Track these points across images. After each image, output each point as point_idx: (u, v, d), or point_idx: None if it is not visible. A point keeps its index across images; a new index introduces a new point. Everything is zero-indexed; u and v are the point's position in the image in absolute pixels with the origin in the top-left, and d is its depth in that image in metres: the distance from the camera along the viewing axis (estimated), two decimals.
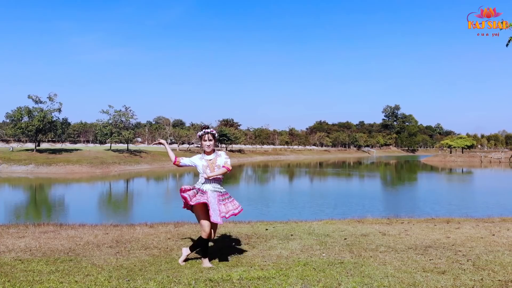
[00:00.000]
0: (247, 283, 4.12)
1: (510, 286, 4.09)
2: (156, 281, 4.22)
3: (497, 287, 4.05)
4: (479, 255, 5.24)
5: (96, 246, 5.98)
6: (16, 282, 4.29)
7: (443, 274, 4.43)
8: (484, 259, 5.08)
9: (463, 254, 5.30)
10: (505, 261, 5.00)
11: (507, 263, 4.90)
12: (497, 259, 5.09)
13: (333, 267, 4.65)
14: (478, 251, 5.50)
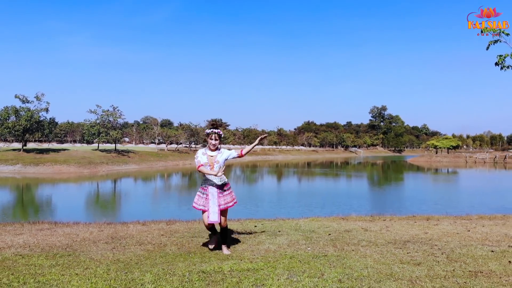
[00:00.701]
0: (237, 274, 4.44)
1: (479, 276, 4.47)
2: (152, 273, 4.52)
3: (467, 277, 4.43)
4: (453, 249, 5.63)
5: (92, 242, 6.25)
6: (20, 275, 4.55)
7: (418, 265, 4.80)
8: (458, 252, 5.47)
9: (439, 248, 5.69)
10: (477, 254, 5.40)
11: (479, 256, 5.29)
12: (469, 252, 5.48)
13: (317, 260, 5.00)
14: (453, 245, 5.89)
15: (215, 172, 5.54)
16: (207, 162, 5.61)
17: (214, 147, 5.66)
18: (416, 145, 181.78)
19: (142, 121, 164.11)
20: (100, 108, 63.75)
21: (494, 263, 4.96)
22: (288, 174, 53.01)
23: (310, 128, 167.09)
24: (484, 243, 6.02)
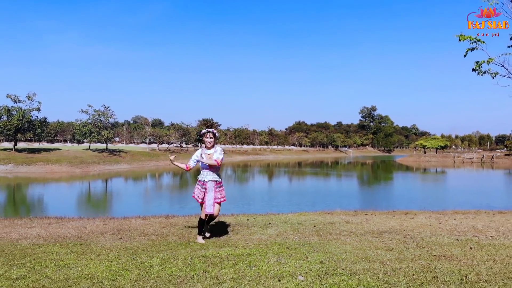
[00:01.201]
0: (233, 258, 5.11)
1: (442, 259, 5.18)
2: (159, 257, 5.18)
3: (431, 259, 5.14)
4: (423, 238, 6.36)
5: (100, 233, 6.88)
6: (40, 260, 5.18)
7: (390, 251, 5.51)
8: (427, 240, 6.20)
9: (411, 237, 6.41)
10: (444, 242, 6.12)
11: (445, 244, 6.02)
12: (437, 240, 6.21)
13: (303, 246, 5.69)
14: (424, 235, 6.62)
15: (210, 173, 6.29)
16: (205, 159, 6.27)
17: (210, 145, 6.34)
18: (406, 145, 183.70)
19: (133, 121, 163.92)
20: (91, 108, 64.04)
21: (457, 249, 5.69)
22: (279, 174, 53.74)
23: (301, 128, 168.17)
24: (452, 233, 6.75)
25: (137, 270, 4.67)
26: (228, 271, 4.57)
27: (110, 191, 32.45)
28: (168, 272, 4.59)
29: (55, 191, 32.11)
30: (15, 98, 56.16)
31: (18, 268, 4.81)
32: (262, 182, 41.57)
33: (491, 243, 6.07)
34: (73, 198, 27.11)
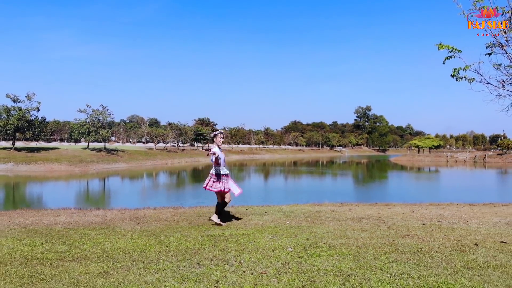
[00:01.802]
0: (236, 236, 6.26)
1: (406, 237, 6.34)
2: (174, 236, 6.32)
3: (397, 237, 6.30)
4: (395, 222, 7.53)
5: (120, 220, 8.01)
6: (76, 239, 6.31)
7: (365, 231, 6.67)
8: (397, 224, 7.37)
9: (384, 222, 7.58)
10: (411, 225, 7.30)
11: (411, 227, 7.19)
12: (405, 224, 7.38)
13: (293, 228, 6.85)
14: (395, 220, 7.79)
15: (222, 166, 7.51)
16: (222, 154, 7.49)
17: (221, 144, 7.53)
18: (400, 145, 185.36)
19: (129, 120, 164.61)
20: (89, 107, 64.92)
21: (421, 230, 6.86)
22: (275, 173, 54.88)
23: (296, 128, 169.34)
24: (420, 219, 7.93)
25: (159, 245, 5.81)
26: (232, 245, 5.72)
27: (114, 188, 33.48)
28: (184, 246, 5.74)
29: (63, 187, 33.19)
30: (14, 97, 56.99)
31: (60, 245, 5.94)
32: (258, 180, 42.69)
33: (450, 226, 7.25)
34: (81, 193, 28.23)
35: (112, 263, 4.91)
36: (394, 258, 5.08)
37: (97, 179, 41.86)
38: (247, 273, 4.46)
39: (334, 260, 4.95)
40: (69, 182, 38.43)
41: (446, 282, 4.15)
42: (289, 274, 4.41)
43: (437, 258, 5.12)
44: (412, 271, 4.53)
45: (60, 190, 30.96)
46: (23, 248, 5.71)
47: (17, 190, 30.65)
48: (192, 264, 4.84)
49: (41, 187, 33.22)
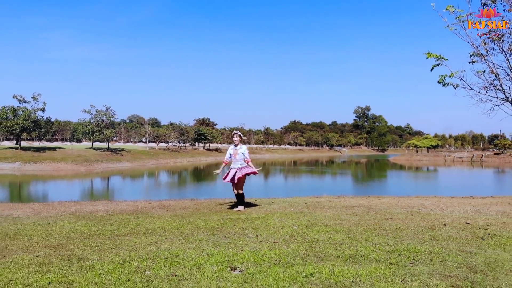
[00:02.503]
0: (250, 219, 7.70)
1: (389, 219, 7.77)
2: (201, 219, 7.75)
3: (382, 219, 7.73)
4: (381, 209, 8.97)
5: (150, 208, 9.45)
6: (120, 222, 7.73)
7: (356, 215, 8.11)
8: (383, 211, 8.81)
9: (372, 209, 9.02)
10: (395, 212, 8.74)
11: (395, 212, 8.63)
12: (390, 211, 8.82)
13: (296, 214, 8.29)
14: (382, 207, 9.24)
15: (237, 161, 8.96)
16: (233, 153, 8.89)
17: (236, 142, 9.00)
18: (399, 144, 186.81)
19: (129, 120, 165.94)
20: (94, 107, 66.33)
21: (402, 215, 8.30)
22: (276, 172, 56.33)
23: (296, 128, 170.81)
24: (403, 208, 9.38)
25: (189, 225, 7.25)
26: (249, 225, 7.16)
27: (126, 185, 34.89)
28: (210, 225, 7.18)
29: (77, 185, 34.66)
30: (20, 98, 58.35)
31: (110, 225, 7.37)
32: (260, 179, 44.14)
33: (428, 212, 8.69)
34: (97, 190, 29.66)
35: (157, 236, 6.34)
36: (377, 233, 6.51)
37: (106, 177, 43.26)
38: (263, 242, 5.89)
39: (330, 234, 6.39)
40: (81, 180, 39.84)
41: (413, 248, 5.58)
42: (295, 243, 5.85)
43: (411, 233, 6.56)
44: (389, 241, 5.97)
45: (76, 187, 32.43)
46: (80, 228, 7.14)
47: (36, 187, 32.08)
48: (219, 237, 6.27)
49: (56, 185, 34.67)
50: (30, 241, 6.07)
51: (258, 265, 4.79)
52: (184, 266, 4.79)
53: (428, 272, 4.51)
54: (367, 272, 4.49)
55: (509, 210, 8.90)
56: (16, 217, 8.27)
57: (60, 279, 4.32)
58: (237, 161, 9.13)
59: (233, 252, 5.36)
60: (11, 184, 35.42)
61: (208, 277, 4.40)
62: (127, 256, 5.18)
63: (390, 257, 5.10)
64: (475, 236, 6.36)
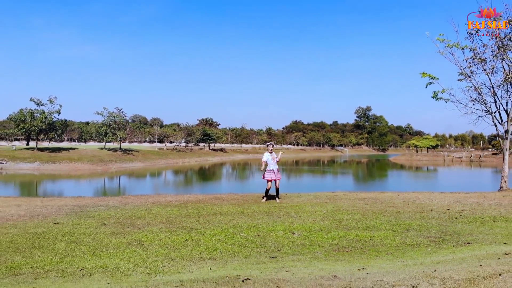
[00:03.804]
0: (289, 207, 10.53)
1: (391, 207, 10.56)
2: (254, 206, 10.57)
3: (386, 207, 10.53)
4: (385, 200, 11.80)
5: (208, 199, 12.25)
6: (194, 207, 10.52)
7: (367, 205, 10.93)
8: (387, 201, 11.63)
9: (379, 200, 11.84)
10: (395, 202, 11.55)
11: (395, 203, 11.43)
12: (392, 201, 11.64)
13: (322, 203, 11.12)
14: (386, 199, 12.05)
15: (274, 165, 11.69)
16: (271, 158, 11.68)
17: (271, 150, 11.75)
18: (400, 144, 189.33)
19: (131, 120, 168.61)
20: (106, 110, 69.20)
21: (401, 204, 11.11)
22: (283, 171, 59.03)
23: (297, 127, 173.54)
24: (402, 199, 12.20)
25: (248, 210, 10.07)
26: (291, 210, 9.99)
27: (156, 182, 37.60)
28: (263, 210, 10.00)
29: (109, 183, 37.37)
30: (38, 101, 61.18)
31: (190, 210, 10.16)
32: None
33: (420, 202, 11.50)
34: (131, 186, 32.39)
35: (231, 216, 9.16)
36: (383, 214, 9.34)
37: (128, 175, 45.92)
38: (305, 220, 8.71)
39: (350, 215, 9.21)
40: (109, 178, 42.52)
41: (408, 223, 8.38)
42: (328, 220, 8.66)
43: (407, 215, 9.38)
44: (392, 219, 8.79)
45: (111, 184, 35.22)
46: (172, 211, 9.96)
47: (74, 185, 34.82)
48: (274, 217, 9.09)
49: (90, 183, 37.35)
50: (146, 220, 8.88)
51: (308, 231, 7.60)
52: (262, 231, 7.62)
53: (417, 235, 7.32)
54: (378, 235, 7.31)
55: (481, 201, 11.71)
56: (112, 205, 11.09)
57: (190, 238, 7.13)
58: (273, 164, 11.90)
59: (289, 225, 8.18)
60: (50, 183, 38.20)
61: (280, 236, 7.22)
62: (221, 227, 8.01)
63: (392, 228, 7.92)
64: (451, 216, 9.18)
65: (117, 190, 31.22)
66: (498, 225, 8.24)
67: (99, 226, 8.18)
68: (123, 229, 7.90)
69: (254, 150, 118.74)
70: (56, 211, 9.99)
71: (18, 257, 6.01)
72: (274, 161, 12.00)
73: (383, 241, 6.83)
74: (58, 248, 6.50)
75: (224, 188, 29.50)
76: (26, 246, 6.65)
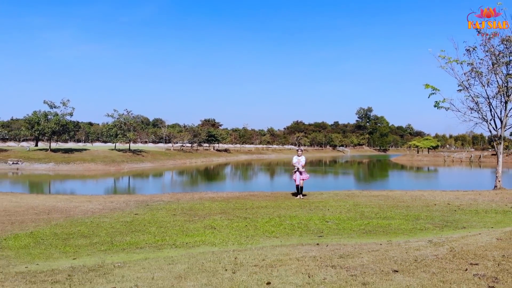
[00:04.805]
0: (317, 202, 12.65)
1: (401, 202, 12.67)
2: (287, 201, 12.69)
3: (397, 202, 12.64)
4: (396, 197, 13.92)
5: (244, 196, 14.35)
6: (240, 203, 12.61)
7: (381, 201, 13.05)
8: (397, 198, 13.73)
9: (390, 197, 13.96)
10: (404, 198, 13.65)
11: (404, 199, 13.54)
12: (401, 198, 13.76)
13: (343, 200, 13.24)
14: (396, 196, 14.18)
15: (300, 168, 13.82)
16: (297, 161, 13.80)
17: (300, 155, 13.88)
18: (401, 145, 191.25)
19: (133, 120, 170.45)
20: (116, 112, 71.42)
21: (409, 200, 13.23)
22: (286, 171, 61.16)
23: (299, 128, 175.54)
24: (410, 196, 14.31)
25: (283, 204, 12.17)
26: (318, 204, 12.10)
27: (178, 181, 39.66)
28: (295, 204, 12.11)
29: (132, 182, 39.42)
30: (51, 104, 63.35)
31: (236, 204, 12.24)
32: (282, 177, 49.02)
33: (425, 198, 13.61)
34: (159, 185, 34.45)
35: (272, 209, 11.26)
36: (396, 208, 11.45)
37: (140, 176, 47.97)
38: (333, 212, 10.81)
39: (369, 208, 11.32)
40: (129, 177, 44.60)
41: (417, 214, 10.48)
42: (351, 213, 10.76)
43: (415, 208, 11.48)
44: (403, 211, 10.89)
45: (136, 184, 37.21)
46: (220, 205, 12.06)
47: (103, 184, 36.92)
48: (307, 210, 11.19)
49: (115, 182, 39.42)
50: (204, 212, 10.99)
51: (339, 220, 9.70)
52: (302, 219, 9.73)
53: (424, 222, 9.42)
54: (394, 223, 9.41)
55: (477, 198, 13.83)
56: (167, 201, 13.20)
57: (248, 224, 9.22)
58: (300, 166, 14.02)
59: (322, 215, 10.29)
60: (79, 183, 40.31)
61: (317, 224, 9.32)
62: (268, 216, 10.12)
63: (405, 218, 10.03)
64: (451, 209, 11.29)
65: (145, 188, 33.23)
66: (488, 215, 10.33)
67: (171, 216, 10.29)
68: (191, 218, 10.01)
69: (257, 150, 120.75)
70: (125, 205, 12.11)
71: (127, 238, 8.11)
72: (300, 164, 14.08)
73: (399, 227, 8.92)
74: (152, 231, 8.60)
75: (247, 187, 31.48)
76: (126, 230, 8.75)
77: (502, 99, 17.81)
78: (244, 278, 3.85)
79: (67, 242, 7.77)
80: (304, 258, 4.58)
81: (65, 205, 12.07)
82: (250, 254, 5.23)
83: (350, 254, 4.69)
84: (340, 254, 4.76)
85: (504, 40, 17.17)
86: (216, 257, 5.11)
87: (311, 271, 3.97)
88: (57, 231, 8.66)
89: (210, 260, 4.95)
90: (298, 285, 3.55)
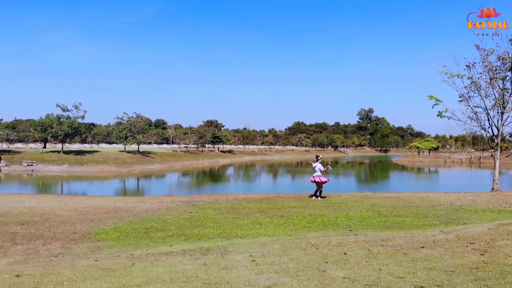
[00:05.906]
0: (338, 203, 14.73)
1: (411, 203, 14.69)
2: (312, 202, 14.71)
3: (407, 203, 14.67)
4: (405, 198, 15.96)
5: (270, 197, 16.38)
6: (269, 203, 14.64)
7: (392, 201, 15.10)
8: (407, 199, 15.77)
9: (400, 198, 15.99)
10: (413, 199, 15.68)
11: (413, 200, 15.56)
12: (410, 199, 15.79)
13: (360, 201, 15.29)
14: (405, 197, 16.20)
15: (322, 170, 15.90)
16: (315, 166, 15.87)
17: (319, 161, 15.92)
18: (401, 145, 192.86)
19: None
20: (126, 115, 73.57)
21: (418, 200, 15.27)
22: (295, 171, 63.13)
23: (300, 128, 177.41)
24: (417, 197, 16.32)
25: (309, 204, 14.24)
26: (340, 205, 14.15)
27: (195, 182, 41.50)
28: (319, 205, 14.16)
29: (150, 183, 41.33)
30: (64, 107, 65.40)
31: (267, 204, 14.26)
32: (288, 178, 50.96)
33: (431, 199, 15.64)
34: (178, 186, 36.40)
35: (301, 208, 13.29)
36: (407, 208, 13.50)
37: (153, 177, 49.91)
38: (355, 211, 12.84)
39: (384, 208, 13.36)
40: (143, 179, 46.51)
41: (425, 212, 12.52)
42: (370, 212, 12.79)
43: (423, 208, 13.52)
44: (414, 210, 12.93)
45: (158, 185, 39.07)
46: (256, 205, 14.08)
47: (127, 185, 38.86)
48: (331, 210, 13.23)
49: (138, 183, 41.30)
50: (245, 210, 13.00)
51: (361, 218, 11.72)
52: (330, 217, 11.74)
53: (432, 220, 11.44)
54: (407, 220, 11.43)
55: (476, 199, 15.88)
56: (208, 201, 15.22)
57: (287, 221, 11.25)
58: (317, 171, 16.04)
59: (346, 214, 12.32)
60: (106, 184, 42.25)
61: (344, 221, 11.34)
62: (301, 215, 12.14)
63: (415, 216, 12.06)
64: (454, 209, 13.34)
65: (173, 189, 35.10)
66: (485, 214, 12.36)
67: (219, 214, 12.33)
68: (237, 216, 12.05)
69: (260, 151, 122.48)
70: (175, 205, 14.15)
71: (195, 231, 10.13)
72: (317, 169, 16.08)
73: (411, 223, 10.94)
74: (211, 226, 10.62)
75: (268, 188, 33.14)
76: (191, 225, 10.77)
77: (499, 110, 19.85)
78: (326, 251, 5.86)
79: (148, 235, 9.78)
80: (357, 241, 6.62)
81: (124, 206, 14.09)
82: (314, 240, 7.25)
83: (387, 239, 6.72)
84: (381, 239, 6.79)
85: (501, 58, 19.19)
86: (292, 241, 7.15)
87: (368, 248, 6.01)
88: (135, 226, 10.68)
89: (290, 243, 6.98)
90: (364, 255, 5.57)
